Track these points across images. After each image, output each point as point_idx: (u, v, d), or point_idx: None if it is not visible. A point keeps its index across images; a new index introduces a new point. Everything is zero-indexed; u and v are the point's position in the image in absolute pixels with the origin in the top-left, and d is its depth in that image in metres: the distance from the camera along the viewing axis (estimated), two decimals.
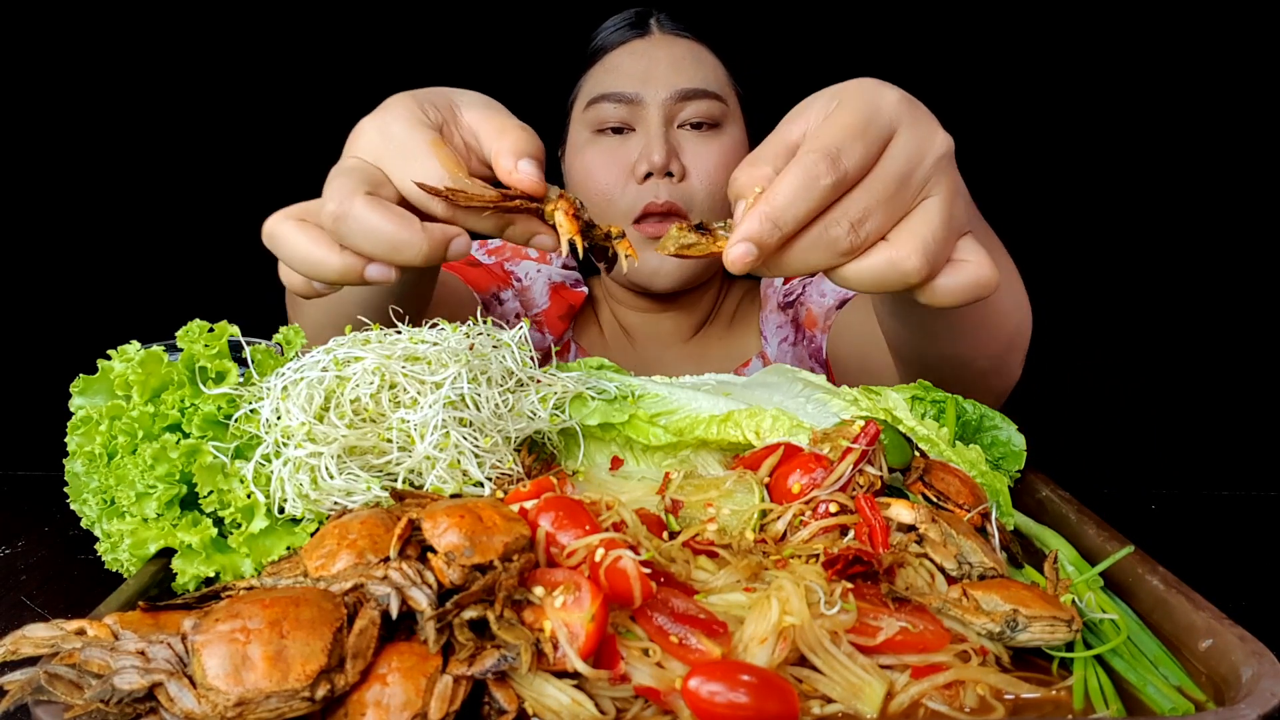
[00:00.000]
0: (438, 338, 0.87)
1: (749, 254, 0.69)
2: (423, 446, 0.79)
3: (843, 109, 0.72)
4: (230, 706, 0.54)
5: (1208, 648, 0.68)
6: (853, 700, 0.61)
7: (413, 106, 0.81)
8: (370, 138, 0.81)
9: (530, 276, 1.71)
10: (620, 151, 1.49)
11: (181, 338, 0.85)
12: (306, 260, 0.78)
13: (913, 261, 0.70)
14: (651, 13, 1.56)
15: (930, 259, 0.71)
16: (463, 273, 1.61)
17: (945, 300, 0.74)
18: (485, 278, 1.67)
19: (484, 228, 0.81)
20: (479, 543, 0.64)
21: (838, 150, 0.69)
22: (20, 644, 0.59)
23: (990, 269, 0.75)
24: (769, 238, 0.69)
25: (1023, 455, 0.98)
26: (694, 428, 0.90)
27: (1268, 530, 1.26)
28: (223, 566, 0.75)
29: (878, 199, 0.70)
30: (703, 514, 0.82)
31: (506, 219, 0.81)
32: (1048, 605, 0.68)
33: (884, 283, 0.72)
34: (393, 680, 0.57)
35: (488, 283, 1.67)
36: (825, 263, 0.71)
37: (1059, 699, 0.65)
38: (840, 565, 0.71)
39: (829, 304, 1.55)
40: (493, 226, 0.81)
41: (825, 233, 0.70)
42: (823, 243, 0.70)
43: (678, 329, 1.71)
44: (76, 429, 0.84)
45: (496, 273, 1.70)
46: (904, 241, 0.71)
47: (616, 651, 0.61)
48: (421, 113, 0.81)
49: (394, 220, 0.74)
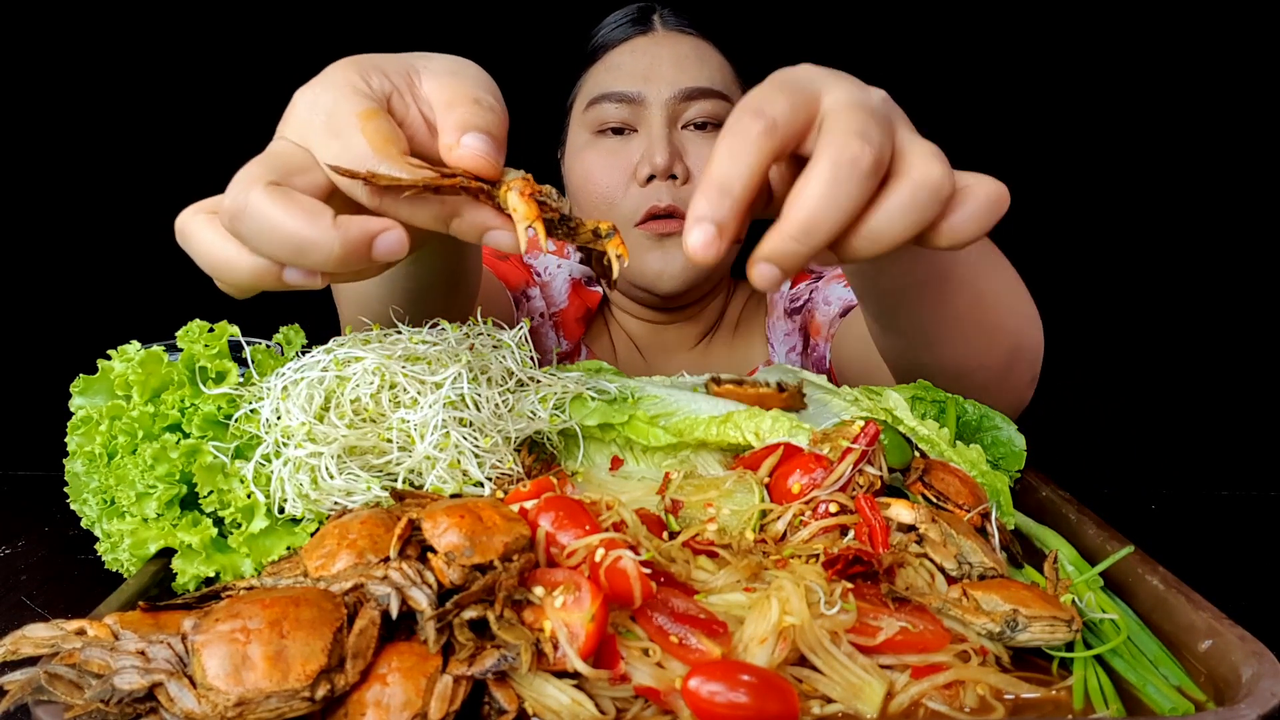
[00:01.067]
0: (438, 338, 0.87)
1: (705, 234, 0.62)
2: (423, 446, 0.79)
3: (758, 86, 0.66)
4: (230, 706, 0.54)
5: (1208, 648, 0.68)
6: (853, 700, 0.61)
7: (351, 74, 0.68)
8: (299, 113, 0.68)
9: (550, 271, 1.65)
10: (622, 153, 1.46)
11: (181, 338, 0.85)
12: (213, 260, 0.65)
13: (937, 171, 0.64)
14: (654, 8, 1.52)
15: (944, 164, 0.65)
16: (494, 267, 1.55)
17: (971, 228, 0.67)
18: (515, 273, 1.61)
19: (421, 220, 0.67)
20: (479, 543, 0.64)
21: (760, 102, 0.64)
22: (20, 644, 0.59)
23: (994, 181, 0.68)
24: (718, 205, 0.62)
25: (1023, 455, 0.98)
26: (694, 428, 0.90)
27: (1268, 530, 1.26)
28: (223, 566, 0.75)
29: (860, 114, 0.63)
30: (703, 514, 0.82)
31: (449, 208, 0.67)
32: (1048, 605, 0.68)
33: (919, 209, 0.63)
34: (393, 680, 0.57)
35: (518, 279, 1.61)
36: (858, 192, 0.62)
37: (1059, 699, 0.65)
38: (840, 565, 0.71)
39: (833, 312, 1.51)
40: (431, 218, 0.67)
41: (840, 154, 0.61)
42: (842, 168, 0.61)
43: (683, 337, 1.68)
44: (76, 429, 0.84)
45: (521, 266, 1.64)
46: (914, 163, 0.64)
47: (616, 651, 0.61)
48: (362, 81, 0.68)
49: (296, 215, 0.60)
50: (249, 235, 0.62)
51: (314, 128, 0.66)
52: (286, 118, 0.69)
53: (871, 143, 0.62)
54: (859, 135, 0.62)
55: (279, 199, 0.61)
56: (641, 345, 1.70)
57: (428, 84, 0.71)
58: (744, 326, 1.71)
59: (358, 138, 0.64)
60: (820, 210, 0.61)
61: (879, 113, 0.65)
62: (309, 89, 0.69)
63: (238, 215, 0.62)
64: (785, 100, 0.64)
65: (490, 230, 0.68)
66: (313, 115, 0.67)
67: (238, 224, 0.62)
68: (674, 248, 1.46)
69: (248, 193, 0.61)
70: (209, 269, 0.67)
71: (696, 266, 1.48)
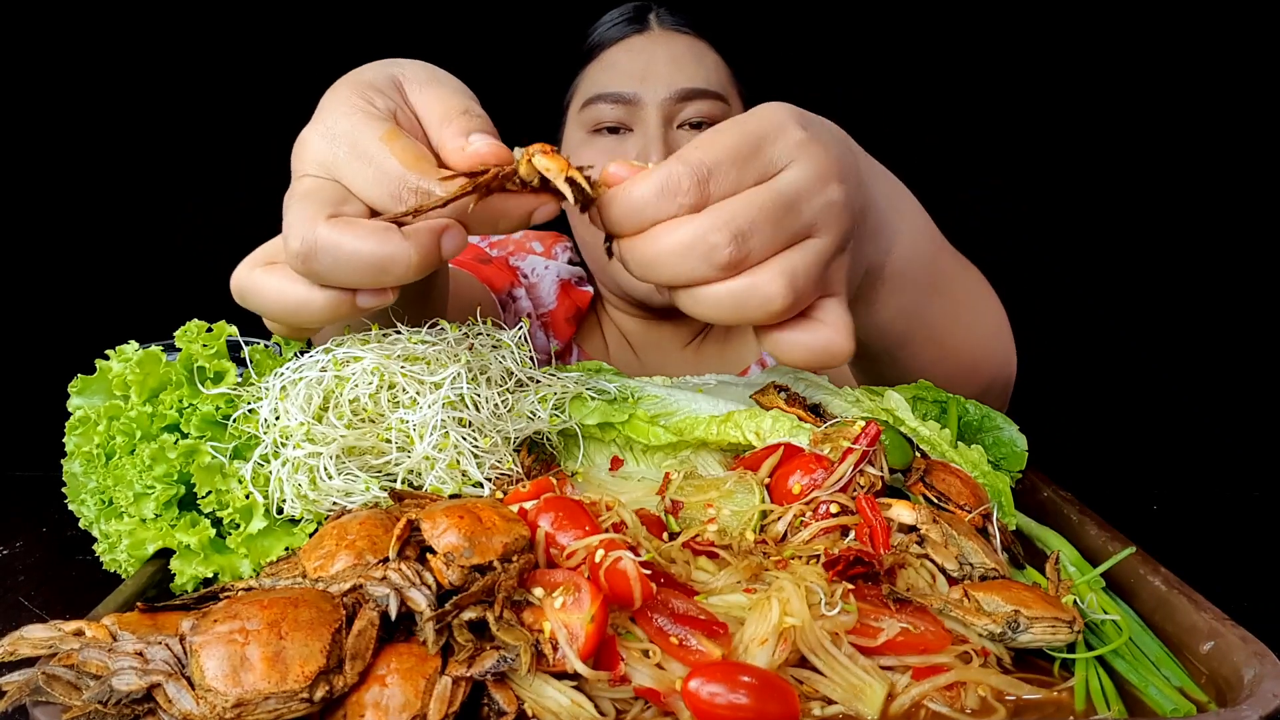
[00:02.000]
0: (437, 338, 0.86)
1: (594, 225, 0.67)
2: (422, 447, 0.79)
3: (731, 129, 0.67)
4: (228, 708, 0.54)
5: (1210, 649, 0.68)
6: (854, 702, 0.61)
7: (355, 99, 0.69)
8: (317, 147, 0.68)
9: (537, 273, 1.65)
10: (617, 153, 1.45)
11: (180, 338, 0.85)
12: (287, 308, 0.67)
13: (775, 286, 0.64)
14: (651, 7, 1.52)
15: (795, 292, 0.65)
16: (476, 271, 1.55)
17: (786, 355, 0.69)
18: (499, 275, 1.61)
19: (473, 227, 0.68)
20: (478, 543, 0.64)
21: (708, 171, 0.64)
22: (18, 645, 0.59)
23: (846, 341, 0.69)
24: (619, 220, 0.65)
25: (1024, 456, 0.98)
26: (694, 428, 0.90)
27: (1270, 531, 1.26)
28: (221, 567, 0.75)
29: (765, 217, 0.64)
30: (703, 515, 0.81)
31: (496, 209, 0.68)
32: (1049, 606, 0.68)
33: (742, 308, 0.65)
34: (392, 681, 0.57)
35: (502, 281, 1.61)
36: (698, 273, 0.64)
37: (1060, 700, 0.64)
38: (841, 566, 0.70)
39: None
40: (478, 222, 0.68)
41: (704, 239, 0.63)
42: (700, 250, 0.63)
43: (677, 336, 1.69)
44: (74, 429, 0.83)
45: (506, 268, 1.65)
46: (770, 266, 0.65)
47: (616, 653, 0.61)
48: (366, 103, 0.69)
49: (369, 238, 0.62)
50: (326, 269, 0.63)
51: (339, 159, 0.67)
52: (301, 156, 0.70)
53: (741, 248, 0.63)
54: (735, 237, 0.63)
55: (347, 228, 0.63)
56: (635, 343, 1.71)
57: (413, 95, 0.72)
58: (737, 326, 1.70)
59: (389, 160, 0.65)
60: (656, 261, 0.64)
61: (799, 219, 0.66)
62: (319, 124, 0.69)
63: (309, 255, 0.63)
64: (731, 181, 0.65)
65: (536, 209, 0.69)
66: (335, 147, 0.67)
67: (311, 263, 0.63)
68: None
69: (314, 231, 0.63)
70: (282, 316, 0.68)
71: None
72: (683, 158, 0.65)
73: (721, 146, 0.65)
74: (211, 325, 0.86)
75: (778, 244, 0.65)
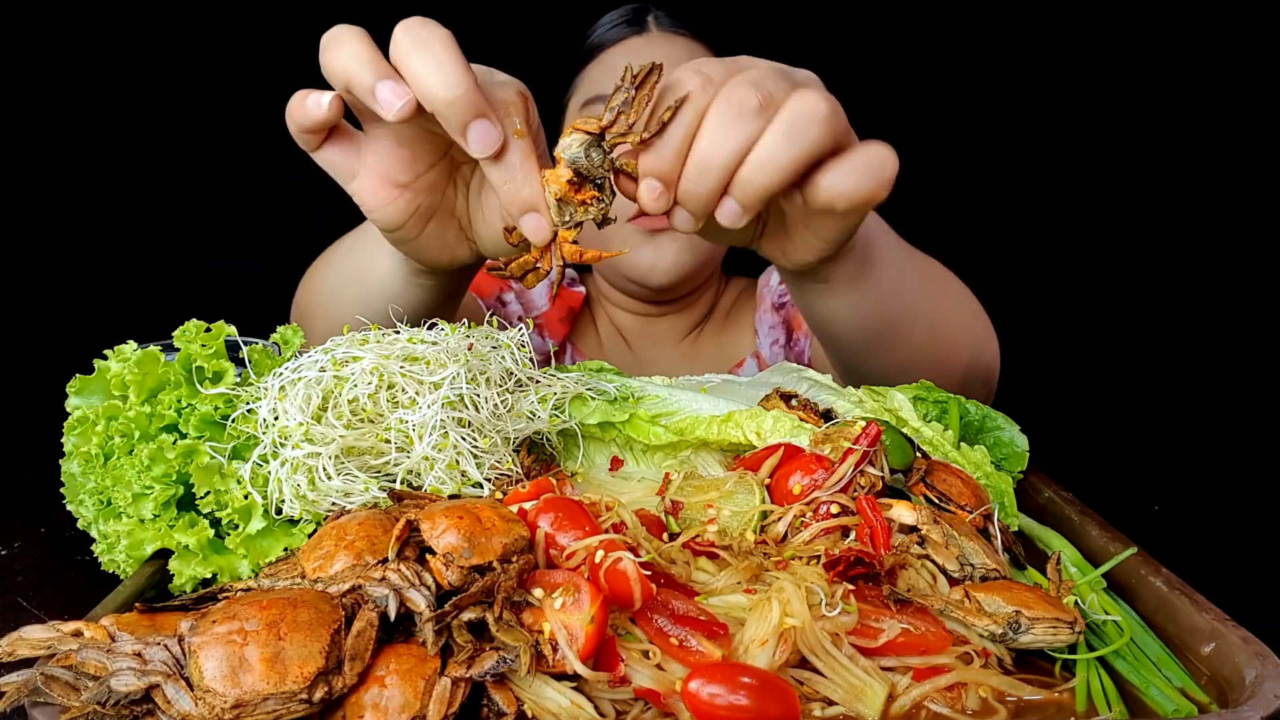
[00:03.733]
0: (436, 338, 0.86)
1: (652, 189, 0.75)
2: (421, 447, 0.79)
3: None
4: (227, 709, 0.53)
5: (1211, 650, 0.68)
6: (854, 702, 0.61)
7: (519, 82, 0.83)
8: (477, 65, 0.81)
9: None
10: None
11: (178, 338, 0.85)
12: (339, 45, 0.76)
13: (816, 99, 0.72)
14: (649, 9, 1.54)
15: (832, 106, 0.73)
16: None
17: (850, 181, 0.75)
18: (488, 281, 1.65)
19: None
20: (478, 544, 0.64)
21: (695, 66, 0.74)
22: (17, 645, 0.59)
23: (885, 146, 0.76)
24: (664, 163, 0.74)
25: (1025, 456, 0.98)
26: (695, 428, 0.89)
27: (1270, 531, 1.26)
28: (220, 568, 0.75)
29: (766, 71, 0.73)
30: (703, 515, 0.81)
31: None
32: (1050, 607, 0.68)
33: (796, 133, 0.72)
34: (391, 682, 0.56)
35: (490, 286, 1.65)
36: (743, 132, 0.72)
37: (1061, 701, 0.64)
38: (842, 567, 0.70)
39: None
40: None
41: (729, 98, 0.72)
42: (734, 111, 0.71)
43: (673, 329, 1.71)
44: (73, 429, 0.83)
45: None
46: (801, 95, 0.73)
47: (616, 653, 0.60)
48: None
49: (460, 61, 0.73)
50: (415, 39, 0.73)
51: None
52: None
53: (761, 89, 0.72)
54: (751, 84, 0.72)
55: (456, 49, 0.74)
56: (630, 337, 1.73)
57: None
58: (733, 319, 1.74)
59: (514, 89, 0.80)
60: (709, 148, 0.73)
61: (789, 74, 0.75)
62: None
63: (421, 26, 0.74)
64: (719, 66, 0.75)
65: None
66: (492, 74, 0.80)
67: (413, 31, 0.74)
68: (666, 242, 1.49)
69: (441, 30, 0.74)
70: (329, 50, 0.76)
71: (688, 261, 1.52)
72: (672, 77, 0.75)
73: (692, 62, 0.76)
74: (210, 325, 0.86)
75: (787, 87, 0.73)
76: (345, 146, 0.85)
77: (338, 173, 0.86)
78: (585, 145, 0.75)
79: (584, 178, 0.77)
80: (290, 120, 0.82)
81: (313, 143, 0.83)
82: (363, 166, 0.86)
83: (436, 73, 0.72)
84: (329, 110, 0.79)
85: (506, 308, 1.65)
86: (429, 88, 0.73)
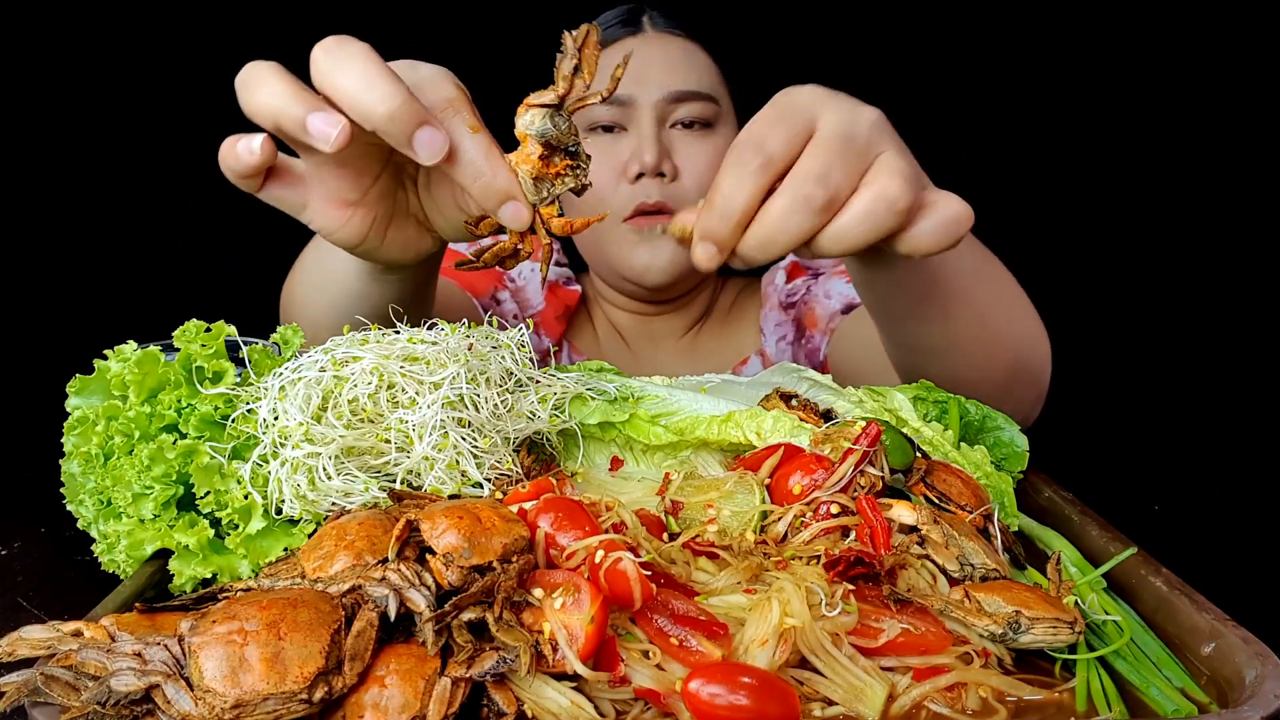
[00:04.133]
0: (436, 338, 0.86)
1: (708, 251, 0.76)
2: (421, 447, 0.79)
3: (762, 111, 0.77)
4: (227, 709, 0.53)
5: (1211, 650, 0.68)
6: (854, 703, 0.61)
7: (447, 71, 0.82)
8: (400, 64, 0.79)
9: (524, 276, 1.69)
10: (612, 151, 1.48)
11: (178, 338, 0.85)
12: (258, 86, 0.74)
13: (895, 186, 0.73)
14: (644, 10, 1.55)
15: (909, 185, 0.73)
16: (458, 277, 1.60)
17: (929, 240, 0.76)
18: (481, 280, 1.66)
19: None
20: (478, 544, 0.64)
21: (761, 138, 0.74)
22: (17, 645, 0.59)
23: (960, 201, 0.77)
24: (720, 227, 0.75)
25: (1025, 456, 0.98)
26: (695, 428, 0.89)
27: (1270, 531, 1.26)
28: (220, 568, 0.75)
29: (832, 154, 0.73)
30: (703, 515, 0.81)
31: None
32: (1050, 607, 0.68)
33: (874, 218, 0.73)
34: (391, 682, 0.56)
35: (485, 285, 1.66)
36: (807, 224, 0.73)
37: (1062, 701, 0.64)
38: (841, 567, 0.70)
39: (834, 307, 1.54)
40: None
41: (796, 193, 0.73)
42: (796, 204, 0.73)
43: (670, 328, 1.71)
44: (73, 429, 0.83)
45: (491, 272, 1.69)
46: (878, 178, 0.74)
47: (616, 653, 0.60)
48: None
49: (387, 74, 0.71)
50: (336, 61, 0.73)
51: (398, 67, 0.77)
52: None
53: (828, 186, 0.73)
54: (818, 180, 0.73)
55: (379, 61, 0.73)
56: (628, 336, 1.73)
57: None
58: (735, 317, 1.75)
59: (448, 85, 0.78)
60: (772, 232, 0.74)
61: (857, 143, 0.75)
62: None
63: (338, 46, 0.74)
64: (782, 135, 0.74)
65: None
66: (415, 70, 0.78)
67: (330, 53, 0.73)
68: (661, 243, 1.50)
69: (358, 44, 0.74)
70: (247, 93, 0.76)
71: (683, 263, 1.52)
72: (738, 142, 0.75)
73: (760, 121, 0.75)
74: (210, 325, 0.86)
75: (857, 170, 0.74)
76: (287, 180, 0.83)
77: (286, 207, 0.84)
78: (548, 116, 0.75)
79: (553, 148, 0.76)
80: (225, 169, 0.80)
81: (253, 185, 0.81)
82: (310, 195, 0.83)
83: (367, 90, 0.71)
84: (261, 155, 0.77)
85: (501, 306, 1.66)
86: (363, 107, 0.71)
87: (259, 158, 0.77)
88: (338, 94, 0.72)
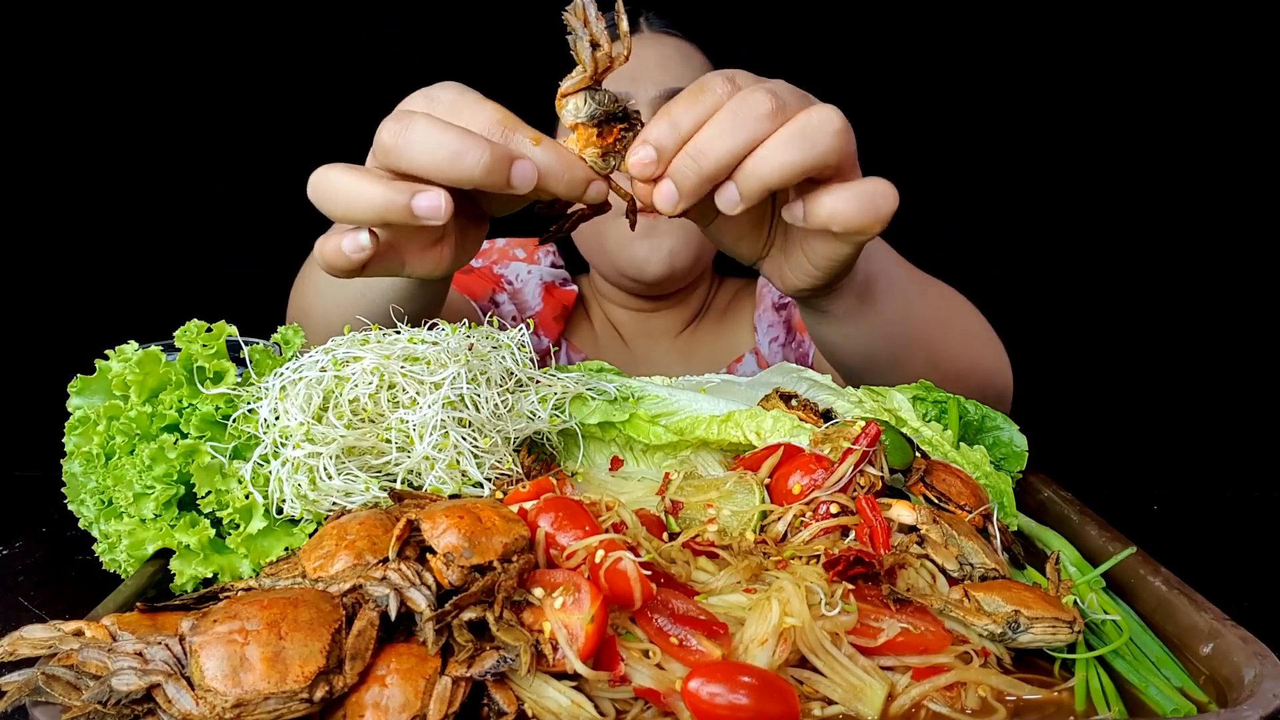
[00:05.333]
0: (437, 338, 0.86)
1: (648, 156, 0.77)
2: (422, 447, 0.79)
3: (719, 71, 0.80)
4: (228, 708, 0.54)
5: (1210, 649, 0.68)
6: (854, 702, 0.61)
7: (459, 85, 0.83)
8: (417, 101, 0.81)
9: (521, 278, 1.72)
10: None
11: (179, 338, 0.85)
12: (347, 193, 0.76)
13: (825, 111, 0.75)
14: (641, 10, 1.57)
15: (840, 115, 0.75)
16: (455, 281, 1.61)
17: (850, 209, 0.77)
18: (479, 283, 1.68)
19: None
20: (478, 544, 0.64)
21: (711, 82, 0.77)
22: (18, 645, 0.59)
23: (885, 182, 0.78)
24: (666, 136, 0.76)
25: (1024, 456, 0.98)
26: (695, 427, 0.90)
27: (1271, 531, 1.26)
28: (221, 567, 0.75)
29: (780, 85, 0.76)
30: (703, 515, 0.81)
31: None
32: (1049, 606, 0.68)
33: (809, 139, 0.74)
34: (391, 682, 0.57)
35: (483, 288, 1.67)
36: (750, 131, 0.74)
37: (1061, 700, 0.64)
38: (841, 566, 0.70)
39: None
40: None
41: (744, 102, 0.74)
42: (745, 111, 0.74)
43: (667, 325, 1.73)
44: (74, 429, 0.83)
45: (488, 276, 1.71)
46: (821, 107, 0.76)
47: (616, 653, 0.60)
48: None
49: (454, 129, 0.74)
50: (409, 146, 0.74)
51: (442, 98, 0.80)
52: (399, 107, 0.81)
53: (777, 97, 0.75)
54: (769, 91, 0.75)
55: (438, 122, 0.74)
56: (625, 334, 1.75)
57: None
58: (730, 316, 1.77)
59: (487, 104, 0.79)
60: (710, 137, 0.75)
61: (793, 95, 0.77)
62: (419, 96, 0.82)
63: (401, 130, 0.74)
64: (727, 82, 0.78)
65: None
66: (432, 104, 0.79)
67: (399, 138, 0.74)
68: (661, 238, 1.53)
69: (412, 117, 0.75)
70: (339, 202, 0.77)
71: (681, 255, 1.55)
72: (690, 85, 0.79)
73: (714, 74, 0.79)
74: (211, 325, 0.86)
75: (782, 110, 0.75)
76: (382, 255, 0.84)
77: (389, 274, 0.86)
78: (588, 97, 0.78)
79: (603, 121, 0.79)
80: (330, 268, 0.82)
81: (358, 273, 0.83)
82: (406, 255, 0.86)
83: (456, 158, 0.73)
84: (372, 247, 0.80)
85: (499, 308, 1.67)
86: (458, 173, 0.74)
87: (370, 251, 0.80)
88: (428, 172, 0.75)
